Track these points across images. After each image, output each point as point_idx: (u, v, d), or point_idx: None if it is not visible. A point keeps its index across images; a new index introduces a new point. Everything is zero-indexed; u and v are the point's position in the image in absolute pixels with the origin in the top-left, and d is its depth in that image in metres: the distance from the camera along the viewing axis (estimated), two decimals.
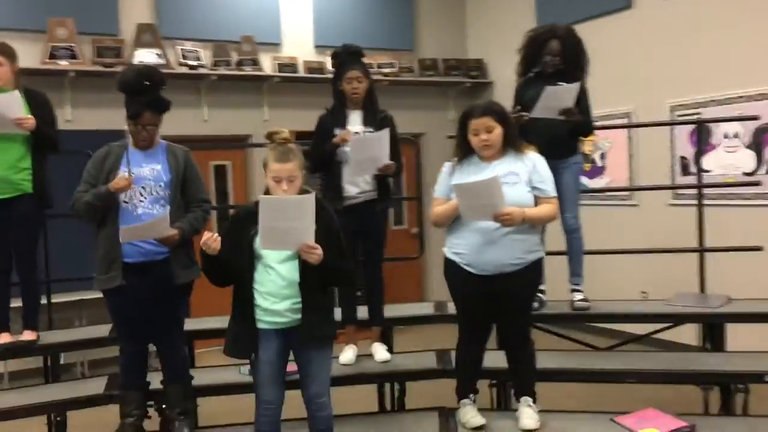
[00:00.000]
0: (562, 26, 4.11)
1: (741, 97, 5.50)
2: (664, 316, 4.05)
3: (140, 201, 3.20)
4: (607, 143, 6.63)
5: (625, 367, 3.71)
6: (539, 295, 4.19)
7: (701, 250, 4.47)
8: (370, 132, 3.82)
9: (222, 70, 6.61)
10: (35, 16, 5.90)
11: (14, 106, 3.54)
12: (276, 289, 2.85)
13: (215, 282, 2.90)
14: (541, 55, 4.06)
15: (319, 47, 7.33)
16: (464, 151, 3.35)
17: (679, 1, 6.00)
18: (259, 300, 2.86)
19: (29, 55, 5.83)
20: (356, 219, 3.80)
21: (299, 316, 2.84)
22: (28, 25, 5.91)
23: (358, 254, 3.90)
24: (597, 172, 6.76)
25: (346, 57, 3.86)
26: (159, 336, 3.34)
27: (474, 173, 3.27)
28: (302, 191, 2.99)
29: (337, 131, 3.82)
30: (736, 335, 4.18)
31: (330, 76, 4.03)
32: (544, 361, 3.52)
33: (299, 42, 7.29)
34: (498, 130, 3.26)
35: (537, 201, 3.26)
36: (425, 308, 4.34)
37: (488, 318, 3.35)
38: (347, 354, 3.87)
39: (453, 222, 3.27)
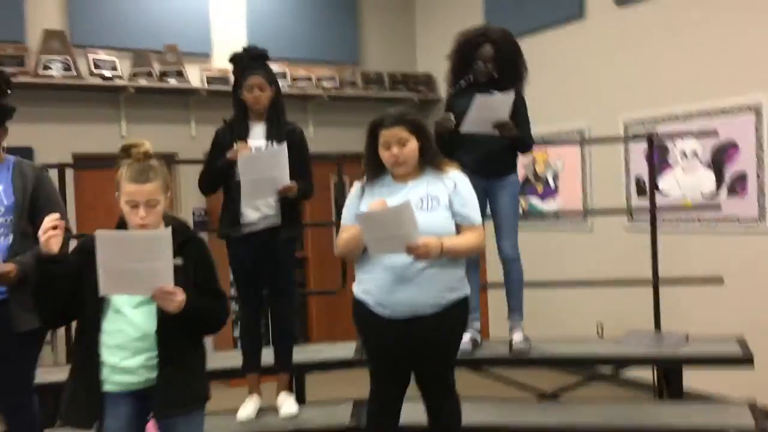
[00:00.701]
0: (497, 28, 3.63)
1: (700, 112, 5.08)
2: (613, 360, 3.54)
3: None
4: (560, 162, 6.18)
5: (565, 422, 3.18)
6: (474, 334, 3.68)
7: (655, 283, 3.98)
8: (273, 147, 3.28)
9: (142, 82, 6.03)
10: None
11: None
12: (127, 341, 2.28)
13: (44, 313, 2.31)
14: (473, 61, 3.57)
15: None
16: (375, 168, 2.84)
17: (634, 11, 5.59)
18: (106, 355, 2.28)
19: None
20: (257, 249, 3.26)
21: (155, 374, 2.28)
22: None
23: (258, 288, 3.35)
24: (549, 193, 6.30)
25: (248, 62, 3.33)
26: (1, 397, 2.74)
27: (386, 195, 2.76)
28: (168, 220, 2.44)
29: (236, 145, 3.28)
30: (696, 375, 3.69)
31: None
32: (472, 413, 3.00)
33: (231, 52, 6.72)
34: (412, 144, 2.75)
35: (459, 229, 2.76)
36: (345, 350, 3.79)
37: (405, 368, 2.82)
38: (247, 408, 3.29)
39: (362, 254, 2.74)
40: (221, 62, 6.65)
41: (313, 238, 6.71)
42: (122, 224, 2.38)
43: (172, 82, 6.20)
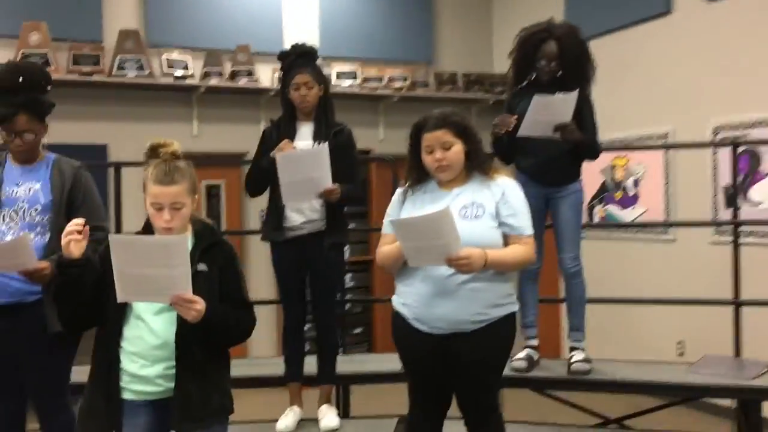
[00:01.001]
0: (562, 24, 3.39)
1: None
2: (683, 388, 3.22)
3: (9, 227, 2.61)
4: (641, 168, 5.80)
5: None
6: (530, 352, 3.44)
7: (736, 304, 3.62)
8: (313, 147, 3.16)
9: (213, 82, 6.06)
10: (10, 20, 5.47)
11: None
12: (145, 348, 2.19)
13: (65, 318, 2.26)
14: (535, 59, 3.33)
15: (326, 58, 6.71)
16: (418, 173, 2.67)
17: (725, 6, 5.16)
18: (125, 362, 2.21)
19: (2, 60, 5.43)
20: (300, 254, 3.15)
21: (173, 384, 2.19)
22: (3, 30, 5.48)
23: (302, 294, 3.24)
24: (629, 201, 5.93)
25: (295, 59, 3.22)
26: (36, 399, 2.73)
27: (429, 202, 2.59)
28: (196, 224, 2.35)
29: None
30: None
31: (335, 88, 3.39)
32: None
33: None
34: (457, 147, 2.56)
35: (507, 240, 2.55)
36: (393, 362, 3.61)
37: (444, 387, 2.63)
38: (286, 419, 3.18)
39: (402, 265, 2.58)
40: None
41: (377, 241, 6.56)
42: (149, 226, 2.31)
43: (243, 81, 6.21)
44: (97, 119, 5.86)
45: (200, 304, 2.11)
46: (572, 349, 3.44)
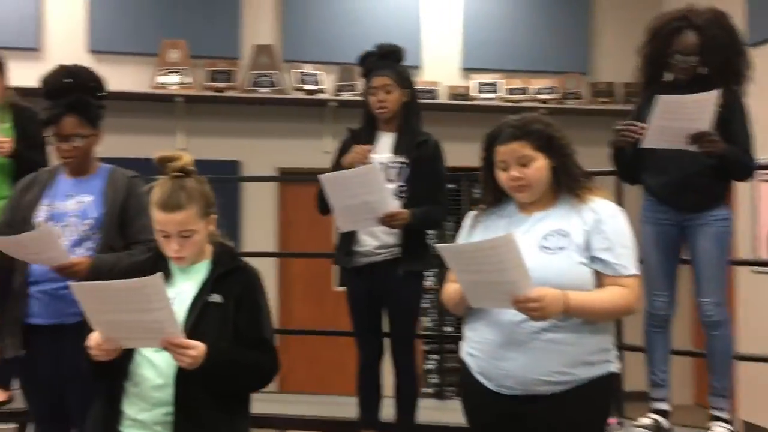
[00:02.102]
0: (704, 9, 2.71)
1: None
2: None
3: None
4: None
5: None
6: (659, 420, 2.77)
7: None
8: (401, 163, 2.76)
9: (345, 96, 5.86)
10: (150, 39, 5.63)
11: None
12: (145, 389, 1.91)
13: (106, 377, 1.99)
14: (669, 53, 2.70)
15: (467, 70, 6.31)
16: (494, 194, 2.17)
17: None
18: (126, 405, 1.94)
19: (140, 79, 5.61)
20: (374, 284, 2.76)
21: None
22: (141, 48, 5.66)
23: (378, 328, 2.85)
24: None
25: (376, 60, 2.85)
26: (80, 426, 2.55)
27: (504, 229, 2.08)
28: (215, 246, 2.05)
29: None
30: None
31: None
32: None
33: (442, 64, 6.32)
34: (539, 163, 2.05)
35: (601, 280, 1.99)
36: None
37: None
38: None
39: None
40: (431, 75, 6.29)
41: None
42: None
43: None
44: (230, 135, 5.88)
45: (196, 350, 1.79)
46: (713, 418, 2.73)
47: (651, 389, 2.82)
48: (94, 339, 1.83)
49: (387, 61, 2.85)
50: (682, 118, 2.52)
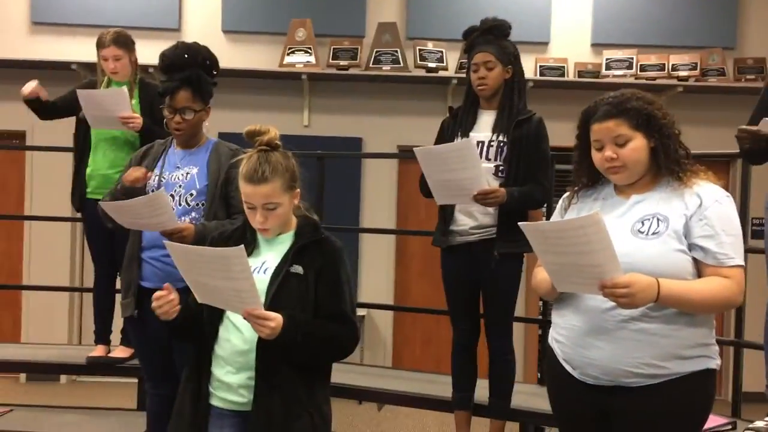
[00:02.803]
0: None
1: None
2: None
3: None
4: None
5: None
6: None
7: None
8: (501, 142, 2.69)
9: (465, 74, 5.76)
10: (280, 18, 5.81)
11: (121, 102, 3.25)
12: (232, 354, 2.00)
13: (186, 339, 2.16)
14: None
15: (598, 45, 6.02)
16: (587, 174, 2.07)
17: None
18: (215, 366, 2.04)
19: (269, 57, 5.81)
20: (469, 264, 2.72)
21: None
22: (271, 28, 5.85)
23: (473, 308, 2.81)
24: None
25: (478, 36, 2.78)
26: None
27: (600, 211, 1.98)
28: (300, 219, 2.09)
29: (458, 140, 2.77)
30: None
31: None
32: None
33: (572, 39, 6.07)
34: (636, 143, 1.93)
35: (701, 270, 1.85)
36: None
37: None
38: None
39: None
40: (559, 51, 6.06)
41: None
42: None
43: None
44: (353, 112, 5.97)
45: (274, 321, 1.85)
46: None
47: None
48: (155, 298, 1.96)
49: (489, 36, 2.75)
50: None
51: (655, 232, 1.87)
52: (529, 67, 5.94)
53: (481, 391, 2.85)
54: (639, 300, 1.76)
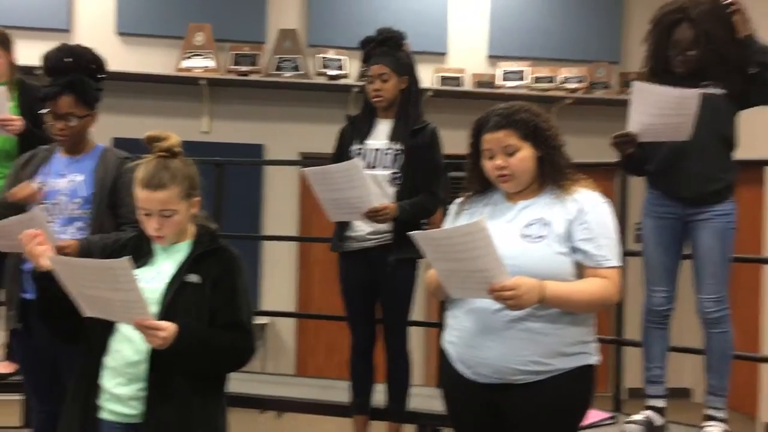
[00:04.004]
0: (704, 1, 2.63)
1: None
2: None
3: (48, 221, 2.52)
4: None
5: None
6: (651, 416, 2.72)
7: None
8: (396, 150, 2.75)
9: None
10: (177, 22, 5.70)
11: None
12: (122, 365, 1.95)
13: (55, 333, 2.06)
14: (668, 46, 2.64)
15: (493, 57, 6.24)
16: (480, 182, 2.16)
17: None
18: (105, 378, 1.98)
19: (166, 61, 5.68)
20: (367, 270, 2.76)
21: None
22: (168, 31, 5.73)
23: (371, 313, 2.85)
24: None
25: (374, 47, 2.84)
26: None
27: (489, 217, 2.07)
28: (199, 228, 2.07)
29: (354, 147, 2.82)
30: None
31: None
32: None
33: (469, 51, 6.26)
34: (524, 152, 2.03)
35: (582, 271, 1.97)
36: None
37: None
38: None
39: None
40: (457, 62, 6.24)
41: None
42: None
43: None
44: (254, 119, 5.93)
45: (166, 331, 1.82)
46: (707, 417, 2.67)
47: (646, 386, 2.77)
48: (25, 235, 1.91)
49: (384, 47, 2.82)
50: (663, 110, 2.46)
51: (540, 235, 1.97)
52: (428, 76, 6.08)
53: (379, 395, 2.89)
54: (525, 301, 1.85)
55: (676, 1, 2.69)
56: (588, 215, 1.98)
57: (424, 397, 3.08)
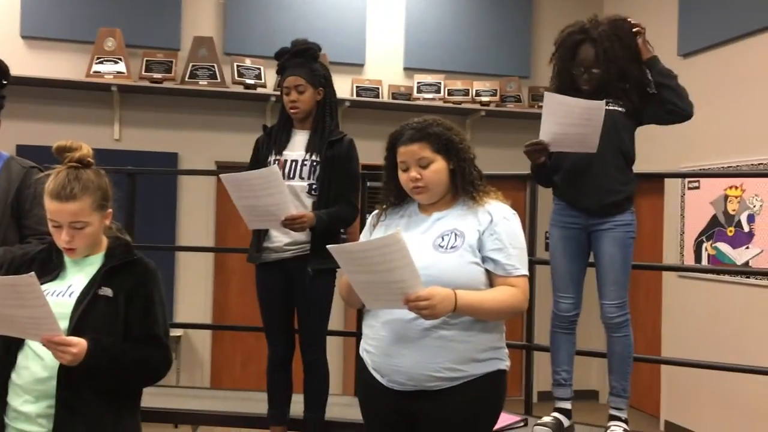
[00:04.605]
0: (603, 21, 2.80)
1: None
2: None
3: None
4: (759, 201, 4.92)
5: None
6: (560, 417, 2.84)
7: None
8: (313, 161, 2.77)
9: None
10: (87, 27, 5.52)
11: None
12: (29, 381, 1.88)
13: None
14: (573, 66, 2.78)
15: (409, 69, 6.35)
16: (394, 193, 2.21)
17: None
18: (11, 396, 1.91)
19: (75, 66, 5.50)
20: (284, 280, 2.76)
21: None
22: (77, 36, 5.55)
23: (287, 324, 2.86)
24: (742, 239, 5.05)
25: (289, 58, 2.85)
26: None
27: (404, 228, 2.12)
28: (115, 244, 2.03)
29: (271, 159, 2.82)
30: None
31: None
32: None
33: (386, 63, 6.35)
34: (437, 165, 2.09)
35: (492, 280, 2.04)
36: None
37: None
38: None
39: None
40: (374, 73, 6.31)
41: None
42: None
43: None
44: (169, 127, 5.81)
45: (76, 347, 1.78)
46: (611, 418, 2.81)
47: (554, 388, 2.88)
48: None
49: (300, 59, 2.84)
50: (572, 120, 2.59)
51: (453, 246, 2.03)
52: (346, 87, 6.14)
53: (297, 405, 2.90)
54: (439, 311, 1.91)
55: (578, 22, 2.83)
56: (498, 226, 2.06)
57: (342, 406, 3.10)
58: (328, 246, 1.88)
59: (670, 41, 5.54)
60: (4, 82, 2.52)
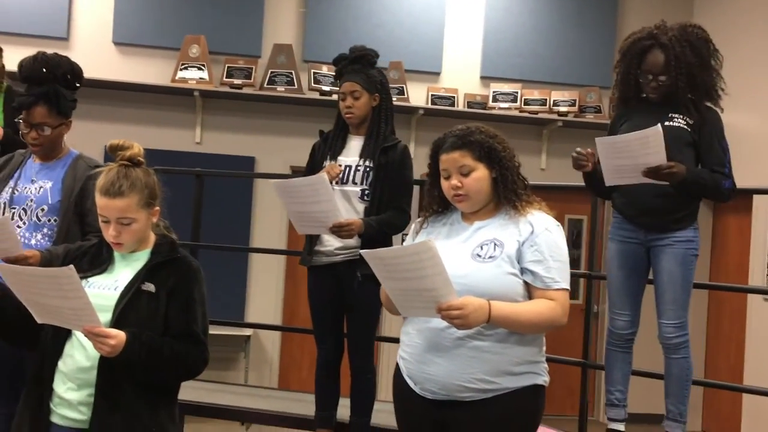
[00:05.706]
0: (673, 26, 2.68)
1: None
2: None
3: (17, 227, 2.55)
4: None
5: None
6: None
7: None
8: (367, 167, 2.79)
9: None
10: (174, 34, 5.77)
11: None
12: (73, 370, 1.97)
13: (6, 335, 2.11)
14: (639, 73, 2.68)
15: (486, 78, 6.29)
16: (438, 201, 2.19)
17: None
18: (57, 382, 2.01)
19: (161, 72, 5.75)
20: (335, 284, 2.79)
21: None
22: (164, 42, 5.81)
23: (338, 327, 2.88)
24: None
25: (347, 64, 2.88)
26: None
27: (444, 237, 2.12)
28: (161, 241, 2.10)
29: (326, 164, 2.86)
30: None
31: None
32: None
33: (462, 71, 6.31)
34: (479, 173, 2.07)
35: (531, 293, 1.99)
36: None
37: None
38: None
39: None
40: (450, 82, 6.29)
41: None
42: None
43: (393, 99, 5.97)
44: (246, 131, 5.99)
45: (115, 339, 1.85)
46: None
47: (607, 408, 2.78)
48: None
49: (357, 65, 2.86)
50: (629, 155, 2.49)
51: (491, 256, 2.00)
52: (421, 95, 6.16)
53: (344, 409, 2.91)
54: (472, 321, 1.88)
55: (645, 29, 2.73)
56: (539, 237, 2.01)
57: (389, 413, 3.08)
58: (361, 251, 1.88)
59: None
60: (77, 85, 2.66)
